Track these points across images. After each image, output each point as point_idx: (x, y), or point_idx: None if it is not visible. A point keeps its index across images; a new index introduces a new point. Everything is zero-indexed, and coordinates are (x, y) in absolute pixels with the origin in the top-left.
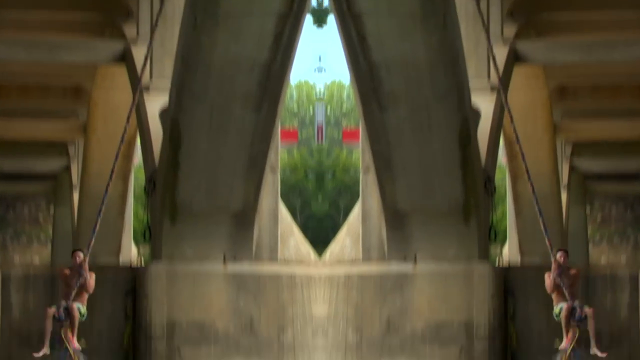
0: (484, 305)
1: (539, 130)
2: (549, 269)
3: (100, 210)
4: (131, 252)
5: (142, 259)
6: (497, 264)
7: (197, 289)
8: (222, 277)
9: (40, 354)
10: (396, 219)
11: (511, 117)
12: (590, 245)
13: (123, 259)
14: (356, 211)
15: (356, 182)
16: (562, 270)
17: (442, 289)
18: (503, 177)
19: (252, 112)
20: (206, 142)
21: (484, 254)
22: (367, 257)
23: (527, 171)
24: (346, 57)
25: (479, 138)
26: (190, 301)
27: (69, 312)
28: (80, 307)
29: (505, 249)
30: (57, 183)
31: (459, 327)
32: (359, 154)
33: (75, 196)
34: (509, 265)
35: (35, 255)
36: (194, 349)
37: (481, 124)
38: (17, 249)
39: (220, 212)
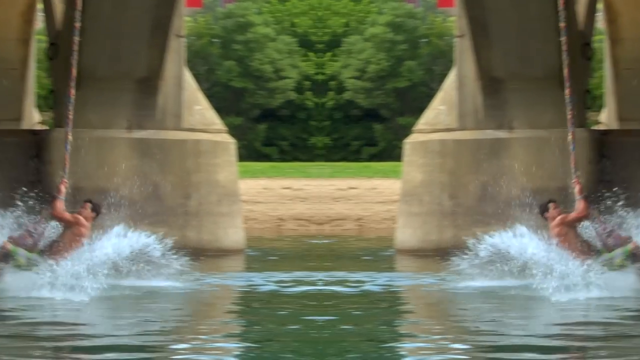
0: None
1: None
2: None
3: None
4: (33, 118)
5: (46, 125)
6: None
7: (102, 155)
8: (126, 143)
9: None
10: (492, 85)
11: None
12: None
13: (25, 125)
14: (451, 78)
15: (451, 49)
16: None
17: (538, 155)
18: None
19: None
20: (110, 7)
21: (581, 120)
22: (462, 124)
23: None
24: None
25: (576, 1)
26: (94, 167)
27: None
28: None
29: (603, 115)
30: None
31: (555, 193)
32: (454, 19)
33: None
34: (606, 130)
35: None
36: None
37: None
38: None
39: (124, 78)
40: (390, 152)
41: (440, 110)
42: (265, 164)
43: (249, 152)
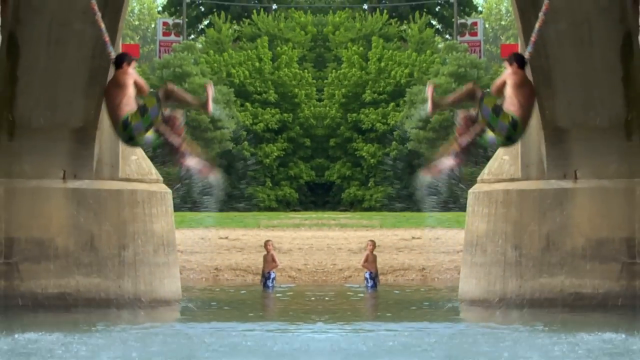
0: None
1: None
2: None
3: None
4: None
5: None
6: None
7: (37, 206)
8: (62, 193)
9: None
10: (556, 135)
11: None
12: None
13: None
14: None
15: None
16: None
17: (603, 206)
18: None
19: (92, 26)
20: (46, 57)
21: None
22: (526, 174)
23: None
24: None
25: None
26: (29, 218)
27: None
28: None
29: None
30: None
31: (621, 243)
32: None
33: None
34: None
35: None
36: (33, 265)
37: None
38: None
39: (60, 128)
40: (454, 202)
41: (504, 160)
42: (201, 213)
43: (185, 202)
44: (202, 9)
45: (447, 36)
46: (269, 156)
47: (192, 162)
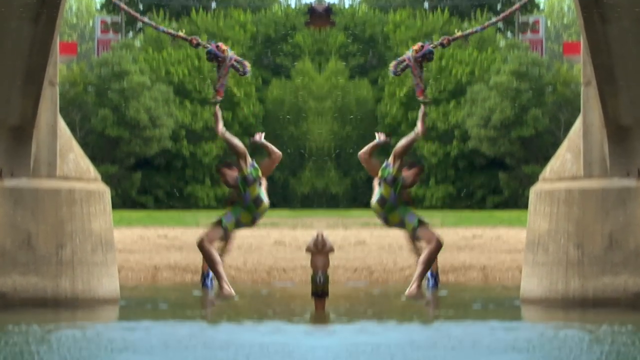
0: None
1: None
2: None
3: None
4: None
5: None
6: None
7: None
8: None
9: None
10: (619, 133)
11: None
12: None
13: None
14: (577, 126)
15: (577, 96)
16: None
17: None
18: None
19: (29, 23)
20: None
21: None
22: (588, 172)
23: None
24: None
25: None
26: None
27: None
28: None
29: None
30: None
31: None
32: (580, 67)
33: None
34: None
35: None
36: None
37: None
38: None
39: None
40: (515, 201)
41: (566, 158)
42: (140, 212)
43: (124, 201)
44: (141, 7)
45: (509, 34)
46: (208, 155)
47: None
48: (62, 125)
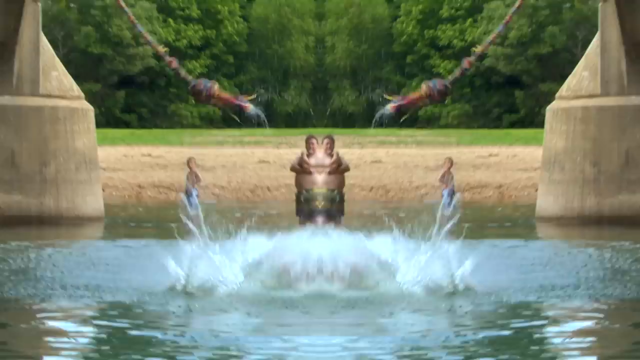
0: None
1: None
2: None
3: None
4: None
5: None
6: None
7: None
8: None
9: None
10: (637, 50)
11: None
12: None
13: None
14: (594, 43)
15: (595, 13)
16: None
17: None
18: None
19: None
20: None
21: None
22: (605, 90)
23: None
24: None
25: None
26: None
27: None
28: None
29: None
30: None
31: None
32: None
33: None
34: None
35: None
36: None
37: None
38: None
39: None
40: (532, 119)
41: (583, 76)
42: (124, 130)
43: (107, 119)
44: None
45: None
46: (192, 73)
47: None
48: (44, 42)
